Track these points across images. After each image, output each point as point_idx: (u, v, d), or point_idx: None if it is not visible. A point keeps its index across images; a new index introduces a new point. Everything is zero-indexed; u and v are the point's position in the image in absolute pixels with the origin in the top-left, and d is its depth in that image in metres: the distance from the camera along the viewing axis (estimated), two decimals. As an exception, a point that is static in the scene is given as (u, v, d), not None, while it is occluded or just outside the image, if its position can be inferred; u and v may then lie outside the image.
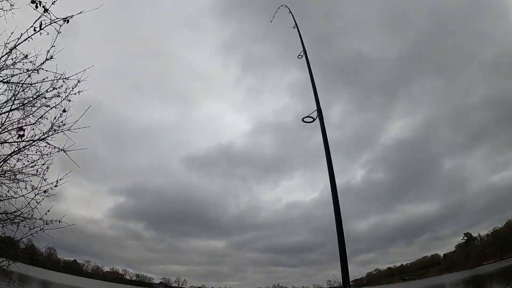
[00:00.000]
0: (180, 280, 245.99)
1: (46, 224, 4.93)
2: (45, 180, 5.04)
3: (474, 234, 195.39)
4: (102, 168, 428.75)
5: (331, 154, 3.23)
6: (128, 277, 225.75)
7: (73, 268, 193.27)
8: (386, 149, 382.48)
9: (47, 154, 5.17)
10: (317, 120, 3.11)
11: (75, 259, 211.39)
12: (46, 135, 5.07)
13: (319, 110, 3.16)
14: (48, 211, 4.99)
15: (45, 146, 5.13)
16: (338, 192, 3.11)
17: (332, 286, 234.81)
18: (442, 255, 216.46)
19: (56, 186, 5.08)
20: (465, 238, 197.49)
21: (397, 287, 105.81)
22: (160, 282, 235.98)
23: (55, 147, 5.16)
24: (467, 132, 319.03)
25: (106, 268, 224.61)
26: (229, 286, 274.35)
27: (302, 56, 4.67)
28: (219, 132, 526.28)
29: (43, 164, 5.16)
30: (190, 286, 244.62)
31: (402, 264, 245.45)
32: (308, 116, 3.18)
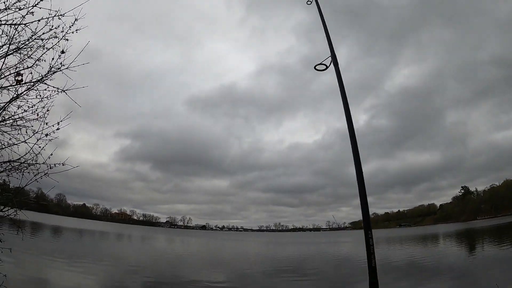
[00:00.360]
0: (185, 218, 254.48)
1: (50, 168, 4.86)
2: (46, 124, 4.91)
3: (472, 189, 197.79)
4: (107, 113, 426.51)
5: (347, 99, 3.02)
6: (135, 217, 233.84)
7: (83, 212, 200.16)
8: (390, 96, 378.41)
9: (47, 97, 5.00)
10: (331, 67, 2.84)
11: (84, 203, 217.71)
12: (45, 78, 4.87)
13: (333, 57, 2.89)
14: (51, 154, 4.89)
15: (45, 90, 4.95)
16: (356, 137, 2.89)
17: (330, 226, 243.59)
18: (438, 205, 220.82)
19: (58, 129, 4.96)
20: (462, 191, 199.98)
21: (392, 232, 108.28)
22: (166, 221, 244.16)
23: (54, 87, 4.97)
24: (474, 87, 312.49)
25: (114, 210, 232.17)
26: (232, 224, 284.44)
27: (311, 2, 4.25)
28: (222, 73, 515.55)
29: (43, 107, 5.01)
30: (195, 224, 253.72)
31: (399, 210, 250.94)
32: (320, 63, 2.90)
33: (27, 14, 4.63)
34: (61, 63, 4.86)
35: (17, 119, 5.00)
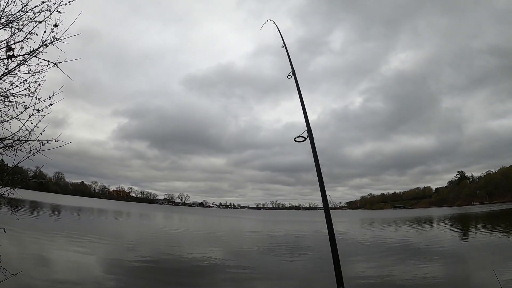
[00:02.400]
0: (183, 195, 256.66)
1: (43, 145, 4.71)
2: (38, 99, 4.73)
3: (467, 174, 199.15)
4: (104, 92, 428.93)
5: (320, 169, 3.22)
6: (134, 195, 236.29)
7: (81, 190, 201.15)
8: (385, 80, 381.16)
9: (38, 72, 4.80)
10: (309, 139, 3.34)
11: (82, 181, 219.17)
12: (37, 51, 4.67)
13: (309, 130, 3.29)
14: (43, 131, 4.74)
15: (37, 65, 4.76)
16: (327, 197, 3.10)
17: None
18: (434, 189, 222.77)
19: (51, 105, 4.79)
20: (458, 176, 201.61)
21: (388, 214, 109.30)
22: (164, 198, 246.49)
23: (46, 61, 4.77)
24: (470, 75, 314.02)
25: (113, 188, 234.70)
26: (229, 202, 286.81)
27: (291, 77, 4.42)
28: (219, 53, 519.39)
29: (35, 82, 4.82)
30: (193, 201, 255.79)
31: (395, 192, 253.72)
32: (299, 136, 3.31)
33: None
34: (53, 37, 4.65)
35: (8, 95, 4.82)
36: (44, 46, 4.68)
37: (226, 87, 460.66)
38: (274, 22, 6.36)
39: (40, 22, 4.64)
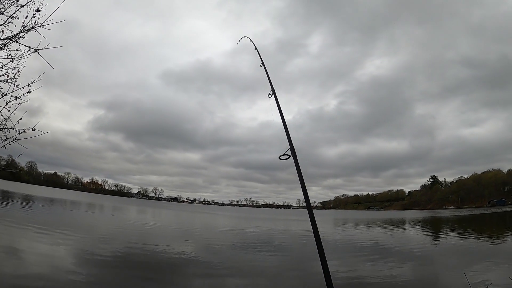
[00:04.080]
0: (157, 190, 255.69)
1: (19, 133, 4.64)
2: (16, 86, 4.66)
3: (440, 179, 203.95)
4: (82, 83, 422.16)
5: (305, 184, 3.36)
6: (107, 187, 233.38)
7: (54, 181, 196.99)
8: (360, 84, 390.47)
9: (18, 57, 4.72)
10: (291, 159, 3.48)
11: (55, 172, 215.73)
12: (17, 36, 4.60)
13: (292, 150, 3.42)
14: (20, 119, 4.67)
15: (17, 50, 4.68)
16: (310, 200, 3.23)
17: (300, 205, 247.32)
18: (407, 191, 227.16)
19: (29, 92, 4.73)
20: (431, 180, 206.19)
21: (361, 214, 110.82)
22: (138, 191, 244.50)
23: (27, 47, 4.70)
24: (443, 84, 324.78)
25: (86, 179, 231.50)
26: (203, 197, 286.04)
27: (271, 96, 4.50)
28: (198, 50, 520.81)
29: (14, 68, 4.74)
30: (167, 196, 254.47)
31: (368, 194, 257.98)
32: (283, 154, 3.43)
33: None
34: (35, 22, 4.59)
35: (-15, 82, 4.72)
36: (25, 31, 4.61)
37: (204, 83, 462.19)
38: (251, 40, 6.31)
39: (22, 6, 4.57)
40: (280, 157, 3.67)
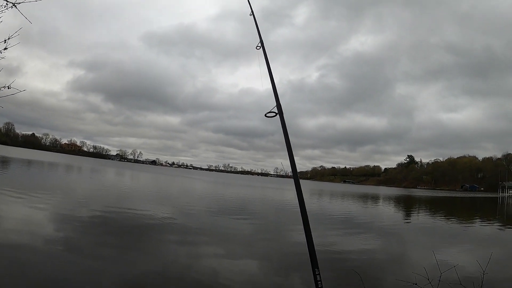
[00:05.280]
0: (136, 152, 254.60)
1: (-6, 91, 4.20)
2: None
3: (416, 159, 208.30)
4: (63, 42, 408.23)
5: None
6: (85, 149, 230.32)
7: (32, 142, 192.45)
8: (343, 59, 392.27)
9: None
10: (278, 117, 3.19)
11: (33, 133, 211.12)
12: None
13: (279, 107, 3.12)
14: (-5, 76, 4.24)
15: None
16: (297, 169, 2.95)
17: (278, 173, 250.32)
18: (383, 168, 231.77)
19: (6, 49, 4.27)
20: (407, 159, 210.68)
21: (336, 187, 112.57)
22: (117, 154, 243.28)
23: (4, 0, 4.20)
24: (425, 67, 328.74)
25: (64, 141, 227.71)
26: (182, 161, 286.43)
27: (259, 48, 4.07)
28: (182, 13, 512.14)
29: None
30: (145, 159, 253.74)
31: (345, 167, 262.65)
32: (270, 112, 3.14)
33: None
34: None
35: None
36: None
37: (186, 47, 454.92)
38: None
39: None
40: (266, 114, 3.40)
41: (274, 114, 3.41)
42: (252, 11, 4.52)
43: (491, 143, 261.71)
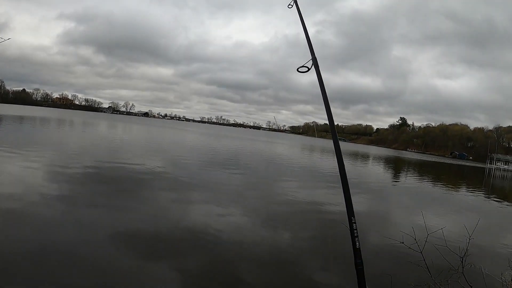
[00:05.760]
0: (128, 104, 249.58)
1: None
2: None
3: (409, 122, 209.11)
4: None
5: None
6: (77, 103, 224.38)
7: (23, 98, 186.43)
8: (340, 16, 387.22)
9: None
10: (313, 70, 2.92)
11: (24, 89, 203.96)
12: None
13: (314, 60, 2.87)
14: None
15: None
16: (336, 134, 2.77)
17: (270, 127, 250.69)
18: (375, 128, 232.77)
19: None
20: (400, 121, 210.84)
21: (327, 143, 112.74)
22: (109, 106, 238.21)
23: None
24: (423, 31, 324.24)
25: (56, 95, 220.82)
26: (174, 113, 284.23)
27: (292, 6, 3.76)
28: None
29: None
30: (138, 111, 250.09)
31: (338, 124, 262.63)
32: (303, 66, 2.84)
33: None
34: None
35: None
36: None
37: None
38: None
39: None
40: (299, 69, 3.15)
41: (307, 69, 3.16)
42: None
43: (483, 114, 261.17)
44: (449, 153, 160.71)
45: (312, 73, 3.15)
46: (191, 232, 7.53)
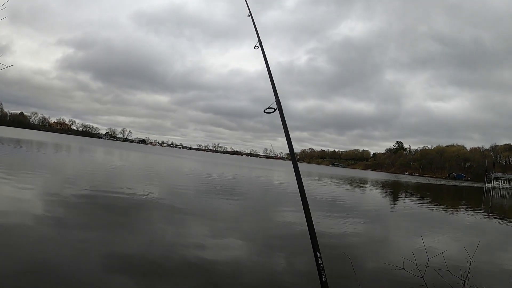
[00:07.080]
0: (125, 131, 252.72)
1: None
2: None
3: (405, 146, 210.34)
4: (52, 20, 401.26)
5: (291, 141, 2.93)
6: (75, 128, 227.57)
7: (20, 121, 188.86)
8: (332, 43, 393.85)
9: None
10: (278, 111, 3.07)
11: (21, 112, 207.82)
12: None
13: (278, 103, 3.00)
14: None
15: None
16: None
17: (267, 154, 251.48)
18: (372, 153, 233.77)
19: None
20: (396, 145, 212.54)
21: (324, 169, 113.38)
22: (106, 132, 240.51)
23: None
24: (413, 55, 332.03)
25: (53, 119, 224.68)
26: (171, 140, 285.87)
27: (258, 48, 3.89)
28: None
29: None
30: (135, 138, 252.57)
31: (334, 150, 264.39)
32: (269, 108, 2.97)
33: None
34: None
35: None
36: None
37: (176, 26, 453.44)
38: None
39: None
40: (265, 111, 3.25)
41: (273, 110, 3.27)
42: (250, 12, 4.32)
43: (478, 134, 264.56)
44: (446, 174, 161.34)
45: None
46: (186, 260, 7.40)
